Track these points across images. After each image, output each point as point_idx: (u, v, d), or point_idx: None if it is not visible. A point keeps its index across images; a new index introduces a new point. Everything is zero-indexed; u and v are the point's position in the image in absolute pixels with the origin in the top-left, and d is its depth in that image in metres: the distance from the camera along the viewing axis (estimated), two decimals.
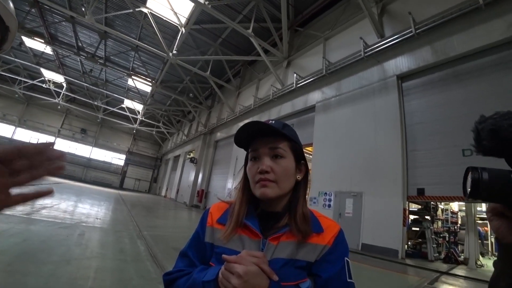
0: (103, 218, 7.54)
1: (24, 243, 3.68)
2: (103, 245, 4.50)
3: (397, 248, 6.77)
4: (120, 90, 25.33)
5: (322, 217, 0.80)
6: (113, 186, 31.75)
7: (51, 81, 24.43)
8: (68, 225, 5.46)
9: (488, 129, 0.49)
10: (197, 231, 0.83)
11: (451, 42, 6.91)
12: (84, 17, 12.37)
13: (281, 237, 0.73)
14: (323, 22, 12.04)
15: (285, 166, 0.76)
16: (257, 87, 15.91)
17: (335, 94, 10.00)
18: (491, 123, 0.49)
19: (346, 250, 0.75)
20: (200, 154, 20.74)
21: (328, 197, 9.05)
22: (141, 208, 12.80)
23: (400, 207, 6.99)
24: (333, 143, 9.43)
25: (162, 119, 29.49)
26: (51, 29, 17.82)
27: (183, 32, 13.37)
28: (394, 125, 7.68)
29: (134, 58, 19.74)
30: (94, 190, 19.01)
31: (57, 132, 31.27)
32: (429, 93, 7.40)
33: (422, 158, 7.12)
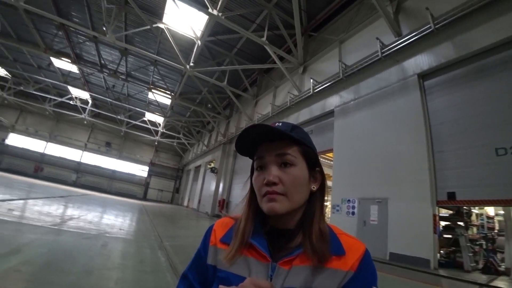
0: (126, 228, 7.69)
1: (49, 253, 3.78)
2: (124, 255, 4.55)
3: (429, 258, 6.31)
4: (141, 103, 26.25)
5: (344, 235, 0.67)
6: (137, 197, 32.67)
7: (78, 98, 25.98)
8: (92, 236, 5.59)
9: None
10: (199, 250, 0.75)
11: (473, 35, 6.51)
12: (106, 36, 13.01)
13: (294, 261, 0.62)
14: (337, 25, 11.89)
15: (296, 175, 0.66)
16: (274, 94, 15.90)
17: (353, 98, 9.75)
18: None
19: (374, 277, 0.63)
20: (220, 164, 20.89)
21: (352, 204, 8.73)
22: (163, 218, 12.99)
23: (429, 213, 6.56)
24: (354, 147, 9.14)
25: (183, 130, 30.14)
26: (76, 49, 18.93)
27: (199, 44, 13.68)
28: (418, 125, 7.31)
29: (153, 72, 20.42)
30: (119, 201, 19.59)
31: (84, 146, 32.94)
32: (452, 90, 6.99)
33: (451, 159, 6.67)
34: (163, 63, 17.18)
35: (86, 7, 14.39)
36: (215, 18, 10.54)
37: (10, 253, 3.36)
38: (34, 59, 21.18)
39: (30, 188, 14.72)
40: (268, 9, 12.00)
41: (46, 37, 17.65)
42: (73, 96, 25.58)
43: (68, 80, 22.68)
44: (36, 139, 30.74)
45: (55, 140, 31.58)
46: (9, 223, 5.04)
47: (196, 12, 11.12)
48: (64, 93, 25.86)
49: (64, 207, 9.63)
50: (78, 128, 32.49)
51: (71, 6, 14.84)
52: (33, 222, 5.64)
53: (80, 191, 21.79)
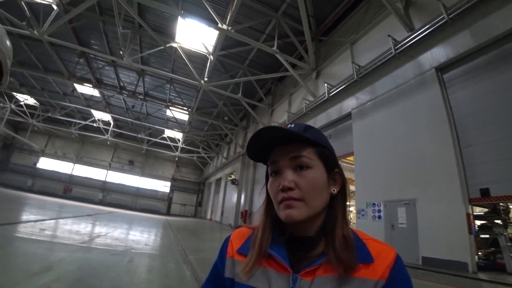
0: (151, 243, 7.81)
1: (78, 270, 3.88)
2: (150, 270, 4.59)
3: (466, 260, 5.89)
4: (160, 121, 27.05)
5: (371, 240, 0.62)
6: (161, 213, 33.27)
7: (100, 120, 27.32)
8: (119, 252, 5.70)
9: None
10: (216, 263, 0.72)
11: (492, 20, 6.21)
12: (123, 59, 13.67)
13: (317, 271, 0.57)
14: (347, 27, 11.81)
15: (313, 178, 0.62)
16: (289, 102, 15.89)
17: (370, 98, 9.54)
18: None
19: (408, 286, 0.57)
20: (241, 175, 20.95)
21: (377, 208, 8.40)
22: (187, 232, 13.10)
23: (462, 212, 6.16)
24: (375, 149, 8.88)
25: (201, 144, 30.65)
26: (96, 74, 19.99)
27: (211, 59, 14.01)
28: (440, 121, 6.99)
29: (169, 90, 21.06)
30: (143, 217, 20.00)
31: (108, 165, 34.32)
32: (475, 80, 6.65)
33: (481, 154, 6.27)
34: (178, 81, 17.72)
35: (104, 34, 15.27)
36: (225, 32, 10.79)
37: (42, 271, 3.48)
38: (59, 86, 22.63)
39: (60, 208, 15.38)
40: (276, 19, 12.15)
41: (69, 65, 18.84)
42: (96, 119, 26.99)
43: (91, 103, 23.98)
44: (64, 162, 32.64)
45: (81, 161, 33.25)
46: (42, 242, 5.26)
47: (207, 28, 11.44)
48: (87, 116, 27.38)
49: (92, 225, 9.94)
50: (102, 148, 34.04)
51: (90, 35, 15.84)
52: (63, 240, 5.84)
53: (106, 209, 22.49)
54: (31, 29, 12.03)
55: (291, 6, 11.50)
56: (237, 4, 10.01)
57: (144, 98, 21.62)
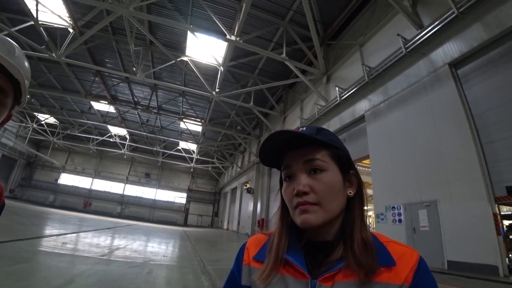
0: (170, 255, 7.85)
1: (98, 282, 3.95)
2: (168, 282, 4.61)
3: (496, 264, 5.56)
4: (174, 133, 27.57)
5: (392, 242, 0.59)
6: (178, 224, 33.57)
7: (117, 135, 28.32)
8: (138, 264, 5.76)
9: None
10: (233, 271, 0.71)
11: (505, 10, 5.98)
12: (136, 76, 14.14)
13: (336, 276, 0.55)
14: (355, 30, 11.75)
15: (328, 181, 0.60)
16: (301, 108, 15.85)
17: (383, 99, 9.37)
18: None
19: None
20: (256, 184, 20.90)
21: (397, 211, 8.14)
22: (204, 242, 13.11)
23: (488, 212, 5.85)
24: (391, 151, 8.66)
25: (216, 154, 30.93)
26: (111, 91, 20.77)
27: (222, 70, 14.25)
28: (458, 118, 6.74)
29: (182, 103, 21.50)
30: (161, 229, 20.19)
31: (126, 179, 35.16)
32: (491, 73, 6.39)
33: (504, 149, 5.96)
34: (190, 93, 18.13)
35: (117, 52, 15.93)
36: (234, 43, 10.98)
37: (64, 284, 3.56)
38: (77, 104, 23.72)
39: (80, 222, 15.78)
40: (283, 26, 12.26)
41: (85, 84, 19.70)
42: (113, 134, 27.97)
43: (107, 119, 24.94)
44: (83, 177, 33.75)
45: (99, 176, 34.30)
46: (63, 256, 5.39)
47: (216, 41, 11.67)
48: (104, 132, 28.43)
49: (111, 238, 10.12)
50: (119, 162, 35.02)
51: (104, 54, 16.57)
52: (84, 253, 5.97)
53: (125, 222, 22.90)
54: (50, 52, 12.70)
55: (298, 13, 11.59)
56: (244, 15, 10.19)
57: (158, 112, 22.17)
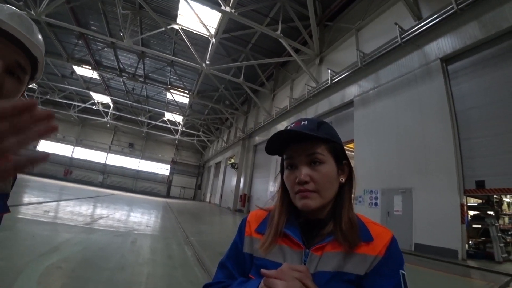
0: (153, 225, 7.98)
1: (84, 250, 4.02)
2: (153, 251, 4.74)
3: (456, 248, 6.13)
4: (161, 104, 26.92)
5: (371, 223, 0.71)
6: (161, 195, 33.74)
7: (100, 102, 27.20)
8: (122, 233, 5.86)
9: None
10: (235, 241, 0.80)
11: (503, 12, 6.08)
12: (123, 41, 13.43)
13: (326, 247, 0.66)
14: (353, 13, 11.55)
15: (326, 172, 0.69)
16: (291, 87, 15.78)
17: (373, 86, 9.48)
18: None
19: (401, 261, 0.66)
20: (240, 159, 21.09)
21: (375, 195, 8.57)
22: (187, 214, 13.34)
23: (457, 203, 6.33)
24: (375, 138, 8.93)
25: (202, 128, 30.66)
26: (96, 56, 19.71)
27: (213, 42, 13.77)
28: (442, 112, 7.01)
29: (170, 73, 20.84)
30: (144, 200, 20.30)
31: (108, 148, 34.43)
32: (481, 73, 6.61)
33: (479, 147, 6.36)
34: (179, 63, 17.51)
35: (103, 15, 14.90)
36: (228, 15, 10.56)
37: (50, 252, 3.61)
38: (57, 68, 22.36)
39: (61, 190, 15.58)
40: (281, 2, 11.85)
41: (67, 47, 18.54)
42: (96, 101, 26.78)
43: (90, 86, 23.78)
44: (64, 144, 32.55)
45: (81, 144, 33.30)
46: (46, 224, 5.39)
47: (209, 11, 11.19)
48: (87, 99, 27.17)
49: (94, 207, 10.12)
50: (102, 131, 34.00)
51: (89, 16, 15.48)
52: (67, 222, 5.99)
53: (107, 191, 22.78)
54: (28, 10, 11.74)
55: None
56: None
57: (144, 81, 21.41)
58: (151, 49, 16.18)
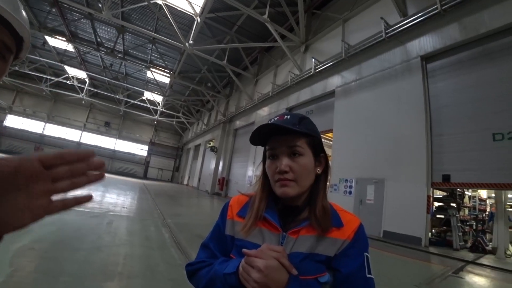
0: (129, 207, 7.89)
1: (58, 231, 3.94)
2: (130, 233, 4.73)
3: (420, 236, 6.61)
4: (140, 82, 25.93)
5: (343, 211, 0.78)
6: (137, 176, 33.11)
7: (75, 77, 25.55)
8: (97, 214, 5.77)
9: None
10: (218, 223, 0.85)
11: (482, 17, 6.36)
12: (101, 13, 12.62)
13: (301, 231, 0.73)
14: (342, 3, 11.54)
15: (304, 163, 0.75)
16: (274, 73, 15.72)
17: (355, 78, 9.68)
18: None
19: (366, 245, 0.75)
20: (220, 143, 21.00)
21: (349, 184, 8.93)
22: (165, 196, 13.27)
23: (424, 194, 6.77)
24: (354, 128, 9.21)
25: (182, 109, 29.99)
26: (71, 27, 18.38)
27: (198, 21, 13.30)
28: (418, 108, 7.34)
29: (151, 51, 20.02)
30: (120, 181, 19.88)
31: (83, 126, 32.83)
32: (456, 74, 6.94)
33: (448, 143, 6.78)
34: (161, 41, 16.79)
35: None
36: None
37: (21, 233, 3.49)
38: None
39: None
40: None
41: (39, 15, 17.14)
42: (70, 76, 25.10)
43: (64, 59, 22.23)
44: (34, 120, 30.46)
45: (53, 120, 31.33)
46: None
47: None
48: (60, 72, 25.35)
49: None
50: (77, 108, 32.18)
51: None
52: None
53: None
54: None
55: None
56: None
57: (123, 57, 20.41)
58: (132, 24, 15.33)
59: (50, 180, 0.39)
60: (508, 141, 5.66)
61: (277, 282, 0.62)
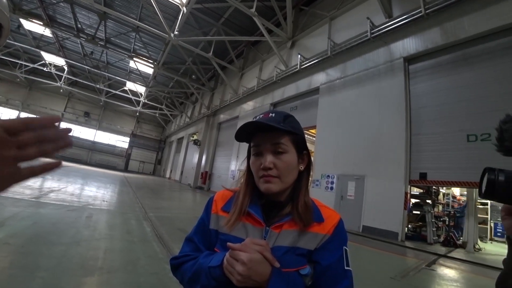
0: (110, 200, 7.71)
1: (35, 225, 3.80)
2: (110, 226, 4.63)
3: (397, 231, 6.89)
4: (122, 72, 25.12)
5: (323, 207, 0.81)
6: (118, 169, 32.29)
7: (52, 64, 24.25)
8: (76, 208, 5.60)
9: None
10: (202, 218, 0.86)
11: (462, 23, 6.64)
12: None
13: (283, 226, 0.75)
14: (329, 1, 11.62)
15: (288, 161, 0.76)
16: (260, 68, 15.68)
17: (340, 76, 9.83)
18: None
19: (345, 240, 0.78)
20: (204, 136, 20.80)
21: (331, 180, 9.12)
22: (146, 190, 13.04)
23: (402, 191, 7.04)
24: (337, 125, 9.38)
25: (165, 101, 29.40)
26: (49, 10, 17.42)
27: (184, 11, 13.00)
28: (399, 108, 7.58)
29: (135, 40, 19.41)
30: (100, 173, 19.33)
31: (61, 115, 31.35)
32: (436, 76, 7.22)
33: (426, 142, 7.07)
34: (145, 30, 16.27)
35: None
36: None
37: None
38: None
39: None
40: None
41: None
42: (47, 62, 23.83)
43: (41, 44, 21.03)
44: (7, 108, 28.80)
45: (28, 109, 29.61)
46: None
47: None
48: (36, 59, 24.02)
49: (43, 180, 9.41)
50: (54, 97, 30.72)
51: None
52: (13, 195, 5.53)
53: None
54: None
55: None
56: None
57: (105, 45, 19.61)
58: (114, 10, 14.74)
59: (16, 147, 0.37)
60: (481, 142, 5.99)
61: (260, 275, 0.64)
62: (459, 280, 4.26)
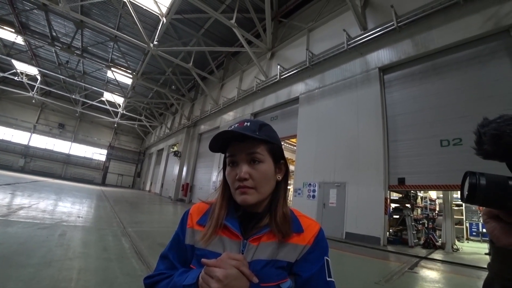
0: (86, 216, 7.33)
1: (0, 246, 3.52)
2: (85, 244, 4.38)
3: (379, 236, 7.01)
4: (99, 82, 24.42)
5: (303, 216, 0.80)
6: (95, 182, 30.87)
7: (24, 73, 23.03)
8: (48, 225, 5.26)
9: (491, 133, 0.48)
10: (177, 233, 0.82)
11: (431, 35, 7.07)
12: (58, 5, 11.69)
13: (262, 238, 0.72)
14: (307, 13, 12.01)
15: (264, 170, 0.74)
16: (240, 78, 15.78)
17: (318, 86, 10.07)
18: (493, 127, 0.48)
19: (326, 249, 0.76)
20: (184, 147, 20.48)
21: (313, 188, 9.19)
22: (125, 204, 12.55)
23: (382, 196, 7.21)
24: (317, 134, 9.55)
25: (144, 112, 28.75)
26: (21, 17, 16.74)
27: (164, 22, 12.95)
28: (376, 116, 7.85)
29: (113, 49, 19.01)
30: (75, 187, 18.44)
31: (33, 127, 29.71)
32: (409, 85, 7.59)
33: (403, 148, 7.35)
34: (124, 40, 16.01)
35: None
36: None
37: None
38: None
39: None
40: None
41: None
42: (18, 71, 22.61)
43: (12, 52, 20.06)
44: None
45: None
46: None
47: None
48: (7, 67, 22.78)
49: (12, 196, 8.84)
50: (26, 107, 28.98)
51: None
52: None
53: (29, 178, 20.04)
54: None
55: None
56: None
57: (81, 54, 19.06)
58: (92, 19, 14.43)
59: None
60: (453, 146, 6.30)
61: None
62: (441, 281, 4.37)
